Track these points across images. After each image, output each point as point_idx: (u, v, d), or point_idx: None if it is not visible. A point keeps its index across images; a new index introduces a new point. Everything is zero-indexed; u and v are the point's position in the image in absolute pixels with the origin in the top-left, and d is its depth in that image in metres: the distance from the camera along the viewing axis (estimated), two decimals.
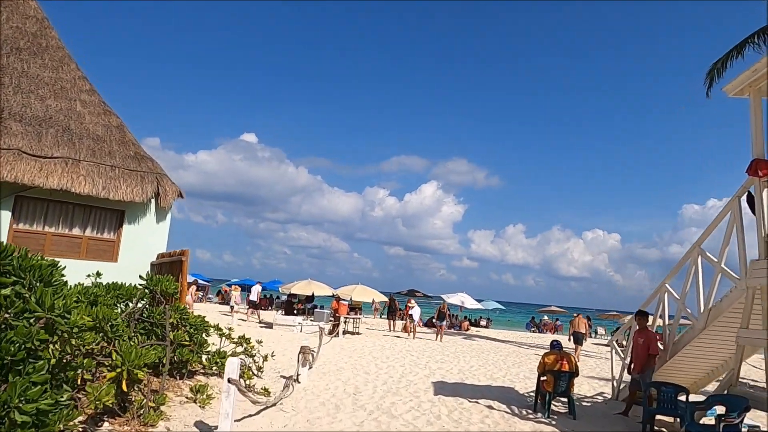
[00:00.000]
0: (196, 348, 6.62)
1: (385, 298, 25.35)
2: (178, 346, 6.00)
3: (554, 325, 37.71)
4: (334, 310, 21.21)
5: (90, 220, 10.86)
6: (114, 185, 10.57)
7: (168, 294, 6.26)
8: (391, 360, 13.90)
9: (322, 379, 9.93)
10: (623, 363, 9.83)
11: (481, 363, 14.78)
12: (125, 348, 4.56)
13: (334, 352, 14.63)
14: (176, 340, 5.87)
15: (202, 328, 6.85)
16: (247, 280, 38.26)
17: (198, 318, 6.88)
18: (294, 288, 25.02)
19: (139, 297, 6.29)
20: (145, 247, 11.25)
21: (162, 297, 6.23)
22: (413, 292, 35.21)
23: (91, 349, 4.63)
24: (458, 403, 8.73)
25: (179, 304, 6.51)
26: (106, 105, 12.13)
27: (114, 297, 6.16)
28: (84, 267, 10.18)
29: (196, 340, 6.73)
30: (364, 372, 11.40)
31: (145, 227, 11.39)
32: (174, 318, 6.10)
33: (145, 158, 11.50)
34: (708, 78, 19.16)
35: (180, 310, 6.41)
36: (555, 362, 8.32)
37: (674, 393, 7.72)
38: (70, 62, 12.36)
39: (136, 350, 4.59)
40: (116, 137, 11.48)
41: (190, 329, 6.62)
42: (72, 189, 9.96)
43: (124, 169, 10.91)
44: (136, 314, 6.23)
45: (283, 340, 16.59)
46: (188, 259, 9.37)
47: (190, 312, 6.70)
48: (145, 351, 4.79)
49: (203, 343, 6.78)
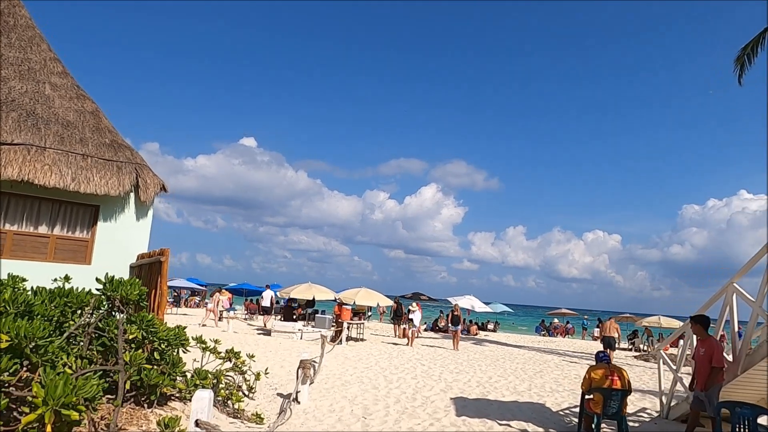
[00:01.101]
0: (169, 368, 5.27)
1: (391, 301, 23.95)
2: (141, 368, 4.65)
3: (565, 329, 36.28)
4: (337, 316, 19.85)
5: (59, 217, 9.52)
6: (85, 176, 9.24)
7: (130, 301, 4.93)
8: (401, 371, 12.54)
9: (326, 398, 8.58)
10: (675, 376, 8.47)
11: (500, 373, 13.42)
12: (50, 378, 3.23)
13: (337, 362, 13.27)
14: (135, 361, 4.52)
15: (177, 342, 5.50)
16: (245, 285, 36.88)
17: (171, 330, 5.53)
18: (293, 292, 23.61)
19: (93, 306, 4.95)
20: (123, 247, 9.92)
21: (122, 305, 4.90)
22: (418, 295, 33.83)
23: (4, 381, 3.32)
24: (487, 427, 7.39)
25: (145, 313, 5.16)
26: (80, 89, 10.81)
27: (61, 306, 4.82)
28: (51, 270, 8.86)
29: (169, 358, 5.38)
30: (372, 387, 10.04)
31: (123, 225, 10.05)
32: (134, 332, 4.75)
33: (122, 147, 10.18)
34: (737, 65, 17.94)
35: (147, 322, 5.06)
36: (604, 378, 6.95)
37: (752, 415, 6.36)
38: (41, 42, 11.05)
39: (67, 381, 3.25)
40: (90, 123, 10.16)
41: (160, 345, 5.28)
42: (35, 180, 8.63)
43: (97, 159, 9.57)
44: (89, 328, 4.89)
45: (282, 349, 15.23)
46: (168, 260, 8.05)
47: (158, 322, 5.36)
48: (82, 382, 3.45)
49: (177, 361, 5.43)
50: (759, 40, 17.25)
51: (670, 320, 27.03)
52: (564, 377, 13.53)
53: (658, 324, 26.01)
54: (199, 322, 22.21)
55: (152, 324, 5.13)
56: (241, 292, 35.98)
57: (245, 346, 15.61)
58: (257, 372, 7.81)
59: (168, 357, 5.38)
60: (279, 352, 14.46)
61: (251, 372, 7.78)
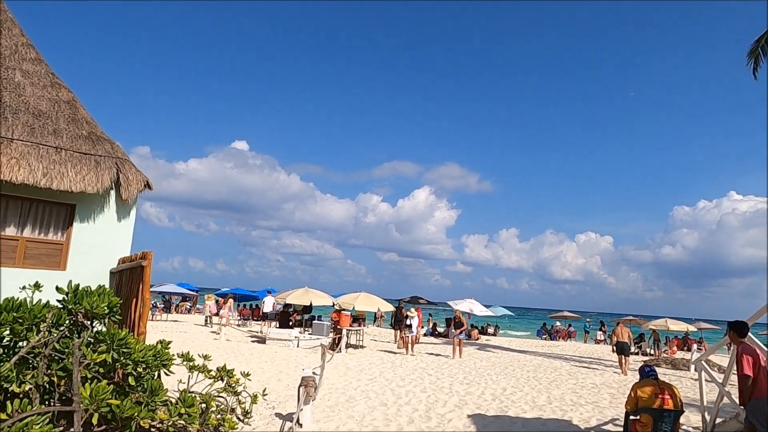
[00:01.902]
0: (147, 397, 4.30)
1: (392, 306, 22.98)
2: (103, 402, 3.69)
3: (567, 332, 35.47)
4: (335, 322, 18.86)
5: (29, 217, 8.51)
6: (59, 171, 8.24)
7: (97, 315, 3.97)
8: (408, 383, 11.60)
9: (331, 419, 7.62)
10: (721, 390, 7.59)
11: (514, 383, 12.51)
12: None
13: (338, 373, 12.31)
14: (98, 396, 3.57)
15: (157, 363, 4.54)
16: (238, 290, 35.79)
17: (150, 349, 4.57)
18: (290, 297, 22.57)
19: (50, 323, 3.98)
20: (102, 250, 8.92)
21: (85, 320, 3.94)
22: (416, 299, 32.91)
23: None
24: None
25: (116, 330, 4.20)
26: (55, 77, 9.81)
27: (8, 323, 3.86)
28: (20, 277, 7.92)
29: (147, 383, 4.42)
30: (380, 403, 9.09)
31: (102, 226, 9.05)
32: (99, 355, 3.79)
33: (101, 139, 9.19)
34: (751, 58, 17.29)
35: (119, 341, 4.10)
36: (653, 396, 6.06)
37: None
38: (12, 27, 10.06)
39: None
40: (65, 114, 9.17)
41: (136, 368, 4.31)
42: (0, 176, 7.64)
43: (72, 152, 8.58)
44: (47, 350, 3.93)
45: (278, 359, 14.25)
46: (151, 264, 7.08)
47: (134, 341, 4.39)
48: None
49: (157, 388, 4.46)
50: None
51: (678, 323, 26.27)
52: (581, 387, 12.65)
53: (665, 327, 25.22)
54: (211, 329, 21.39)
55: (125, 343, 4.16)
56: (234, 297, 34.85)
57: (239, 356, 14.62)
58: (254, 394, 6.83)
59: (146, 382, 4.42)
60: (275, 363, 13.48)
61: (246, 392, 6.81)
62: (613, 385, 13.25)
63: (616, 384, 13.57)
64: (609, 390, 12.41)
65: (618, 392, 12.13)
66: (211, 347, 16.39)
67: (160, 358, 4.78)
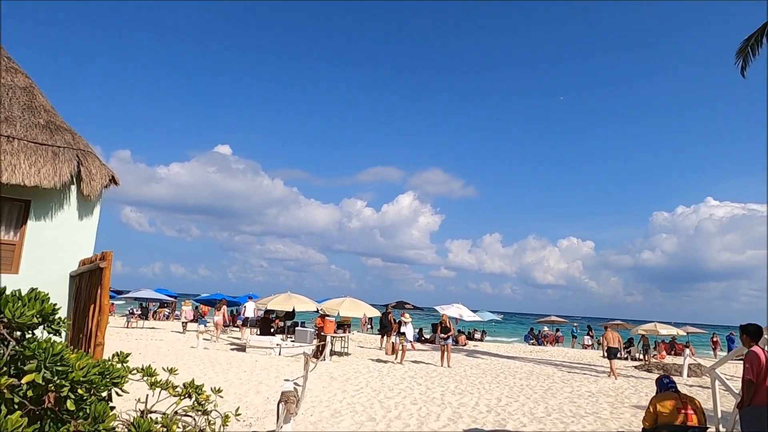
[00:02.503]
0: (89, 425, 3.52)
1: (377, 312, 22.24)
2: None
3: (555, 337, 35.07)
4: (319, 329, 18.07)
5: None
6: (10, 163, 7.40)
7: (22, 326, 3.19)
8: (397, 393, 10.88)
9: None
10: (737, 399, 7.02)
11: (507, 393, 11.86)
12: None
13: (322, 383, 11.54)
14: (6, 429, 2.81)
15: (105, 383, 3.74)
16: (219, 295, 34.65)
17: (95, 366, 3.78)
18: (271, 303, 21.67)
19: None
20: (61, 251, 8.08)
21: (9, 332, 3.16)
22: (403, 304, 32.19)
23: None
24: None
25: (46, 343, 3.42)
26: (11, 61, 8.96)
27: None
28: None
29: (90, 408, 3.63)
30: (368, 418, 8.36)
31: (61, 224, 8.20)
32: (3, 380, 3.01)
33: (61, 129, 8.35)
34: (740, 57, 17.24)
35: (53, 356, 3.32)
36: (675, 411, 5.44)
37: None
38: None
39: None
40: (20, 101, 8.31)
41: (75, 390, 3.53)
42: None
43: (27, 142, 7.73)
44: None
45: (258, 368, 13.41)
46: (110, 266, 6.28)
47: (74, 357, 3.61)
48: None
49: (102, 413, 3.69)
50: (764, 29, 16.52)
51: (668, 327, 25.97)
52: (578, 396, 12.06)
53: (654, 331, 24.86)
54: (207, 338, 20.37)
55: (61, 359, 3.37)
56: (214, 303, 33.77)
57: (216, 365, 13.75)
58: (225, 414, 6.05)
59: (88, 407, 3.62)
60: (255, 373, 12.65)
61: (217, 411, 6.02)
62: (610, 394, 12.69)
63: (613, 392, 13.01)
64: (607, 399, 11.84)
65: (617, 401, 11.57)
66: (187, 356, 15.47)
67: (110, 375, 3.96)
